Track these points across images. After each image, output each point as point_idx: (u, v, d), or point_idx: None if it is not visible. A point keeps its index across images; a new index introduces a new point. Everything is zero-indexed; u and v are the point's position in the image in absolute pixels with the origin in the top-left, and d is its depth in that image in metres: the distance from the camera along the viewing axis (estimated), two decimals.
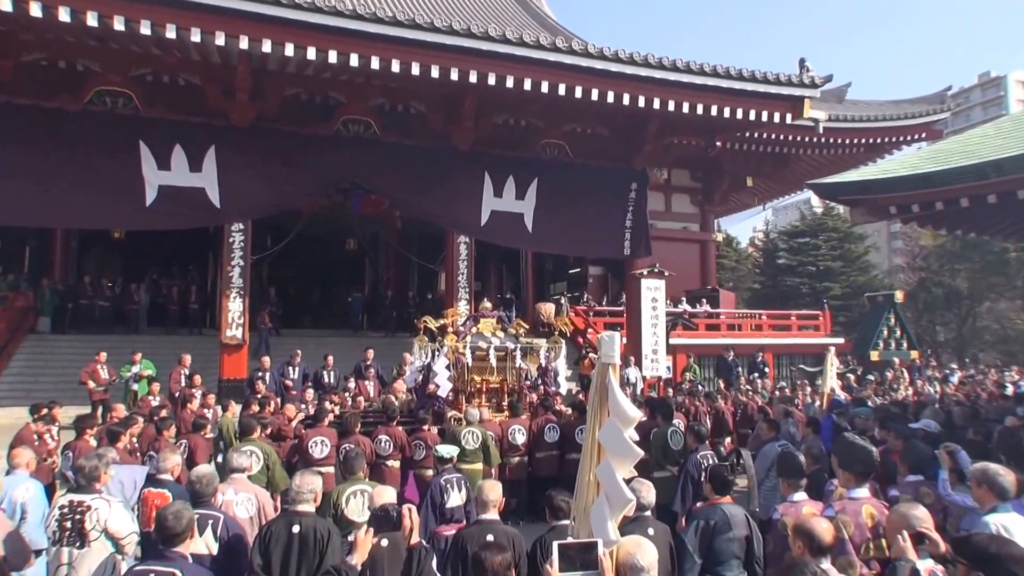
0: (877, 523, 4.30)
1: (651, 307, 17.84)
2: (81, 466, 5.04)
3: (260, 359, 14.25)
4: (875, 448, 4.77)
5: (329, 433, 8.75)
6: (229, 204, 14.23)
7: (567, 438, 9.66)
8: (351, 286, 24.88)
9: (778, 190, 27.40)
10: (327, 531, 4.64)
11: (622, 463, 3.37)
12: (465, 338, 10.29)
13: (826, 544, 3.72)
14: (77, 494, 4.95)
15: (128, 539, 4.91)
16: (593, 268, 24.29)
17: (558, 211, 16.93)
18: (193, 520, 3.96)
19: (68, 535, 4.79)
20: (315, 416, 9.13)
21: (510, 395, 10.51)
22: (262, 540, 4.57)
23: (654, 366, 17.63)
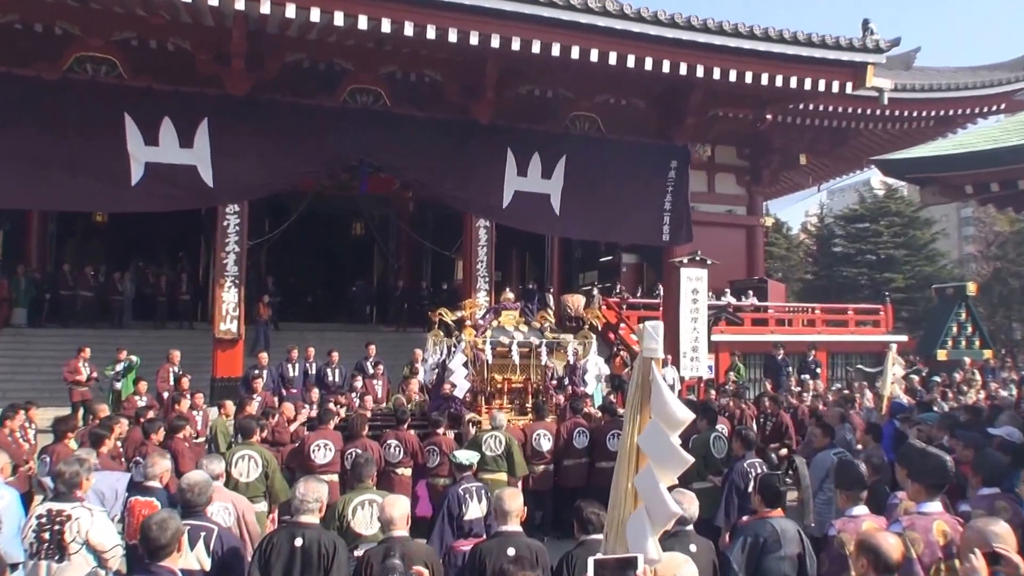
0: (950, 541, 4.23)
1: (691, 299, 17.80)
2: (60, 472, 5.06)
3: (257, 355, 14.35)
4: (949, 457, 4.66)
5: (333, 436, 8.78)
6: (223, 183, 14.28)
7: (598, 444, 9.65)
8: (358, 275, 25.01)
9: (835, 169, 27.11)
10: (332, 545, 4.64)
11: (667, 471, 3.37)
12: (485, 332, 10.34)
13: (894, 563, 3.67)
14: (56, 503, 4.96)
15: (111, 552, 4.93)
16: (627, 256, 24.28)
17: (589, 192, 16.89)
18: (181, 531, 3.95)
19: (46, 548, 4.80)
20: (319, 418, 9.15)
21: (535, 396, 10.56)
22: (262, 554, 4.58)
23: (694, 365, 17.63)
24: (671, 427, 3.37)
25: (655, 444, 3.39)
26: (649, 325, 3.56)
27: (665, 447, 3.35)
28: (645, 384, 3.50)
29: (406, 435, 9.01)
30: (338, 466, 8.57)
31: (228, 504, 5.59)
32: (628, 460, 3.51)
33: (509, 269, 25.56)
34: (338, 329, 21.01)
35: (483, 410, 10.24)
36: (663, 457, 3.36)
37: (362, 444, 8.58)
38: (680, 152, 18.02)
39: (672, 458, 3.34)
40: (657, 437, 3.38)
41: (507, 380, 10.46)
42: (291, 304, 22.64)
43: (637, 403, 3.54)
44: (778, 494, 5.15)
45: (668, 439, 3.36)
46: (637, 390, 3.54)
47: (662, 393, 3.41)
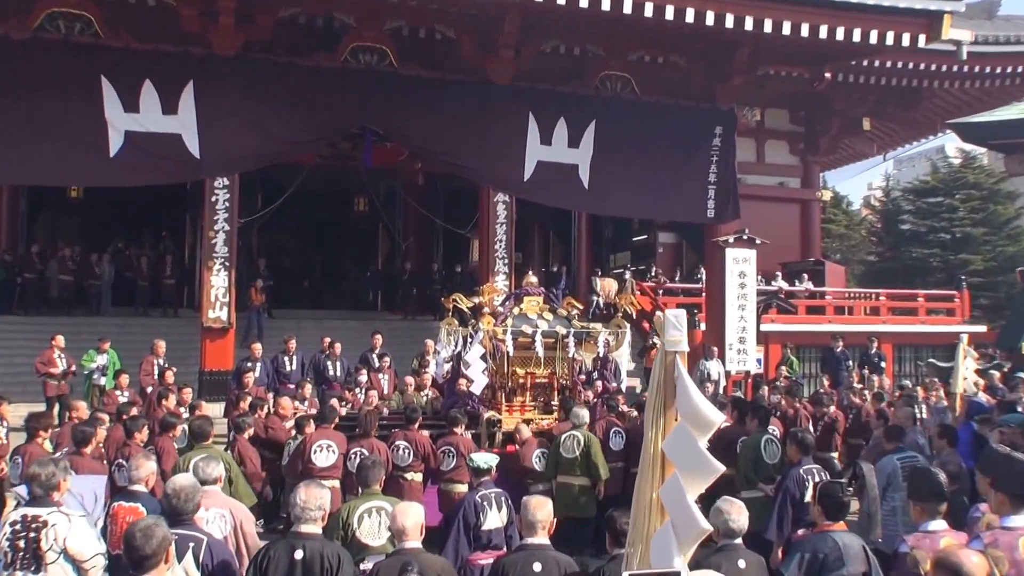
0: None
1: (738, 284, 17.82)
2: (35, 474, 5.10)
3: (249, 346, 14.47)
4: None
5: (337, 437, 8.82)
6: (211, 154, 14.33)
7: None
8: (361, 256, 25.11)
9: (903, 135, 26.80)
10: (336, 558, 4.66)
11: (695, 481, 3.37)
12: (505, 321, 10.32)
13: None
14: (32, 508, 5.01)
15: (92, 562, 4.97)
16: (664, 235, 24.24)
17: (622, 162, 16.85)
18: (167, 540, 3.95)
19: (22, 557, 4.84)
20: (321, 416, 9.20)
21: (561, 392, 10.55)
22: (257, 567, 4.62)
23: (741, 358, 17.71)
24: (699, 431, 3.37)
25: (682, 450, 3.38)
26: (671, 313, 3.57)
27: (693, 454, 3.34)
28: (668, 382, 3.50)
29: (416, 436, 9.03)
30: (340, 471, 8.60)
31: (224, 511, 5.62)
32: (652, 469, 3.51)
33: (531, 250, 25.60)
34: (339, 317, 21.15)
35: (503, 408, 10.27)
36: (691, 465, 3.34)
37: (369, 444, 8.63)
38: (726, 116, 17.91)
39: (701, 466, 3.33)
40: (684, 442, 3.38)
41: (530, 374, 10.45)
42: (286, 289, 22.87)
43: (660, 404, 3.53)
44: (840, 505, 5.12)
45: (696, 444, 3.35)
46: (659, 389, 3.54)
47: (688, 392, 3.41)
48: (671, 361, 3.51)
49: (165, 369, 13.00)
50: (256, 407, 10.36)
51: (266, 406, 10.68)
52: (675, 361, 3.49)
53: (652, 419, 3.57)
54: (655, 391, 3.58)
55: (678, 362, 3.49)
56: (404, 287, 22.45)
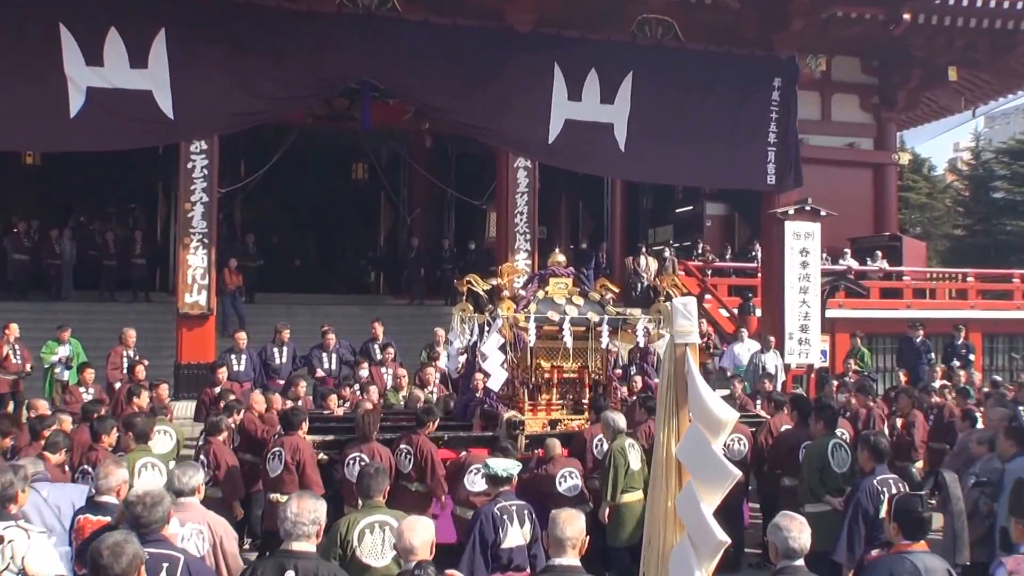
0: None
1: (799, 263, 17.74)
2: None
3: (233, 336, 14.54)
4: None
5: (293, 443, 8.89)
6: (186, 114, 14.30)
7: None
8: (359, 231, 25.17)
9: (997, 87, 26.34)
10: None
11: (710, 488, 3.43)
12: (527, 306, 10.28)
13: None
14: None
15: None
16: (712, 205, 24.20)
17: (663, 121, 16.76)
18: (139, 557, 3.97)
19: None
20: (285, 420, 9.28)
21: (593, 389, 10.51)
22: None
23: (803, 350, 17.66)
24: (713, 431, 3.42)
25: (695, 455, 3.44)
26: (680, 302, 3.65)
27: (706, 458, 3.39)
28: (679, 378, 3.57)
29: (421, 441, 9.09)
30: (292, 484, 8.58)
31: (202, 527, 5.64)
32: (666, 476, 3.57)
33: (557, 223, 25.56)
34: (335, 302, 21.23)
35: (525, 407, 10.25)
36: (704, 471, 3.38)
37: (370, 450, 8.69)
38: (786, 67, 17.80)
39: (715, 472, 3.37)
40: (697, 446, 3.43)
41: (557, 368, 10.42)
42: (275, 270, 22.94)
43: (672, 403, 3.58)
44: (920, 521, 5.13)
45: (709, 448, 3.40)
46: (670, 386, 3.61)
47: (698, 389, 3.46)
48: (681, 354, 3.60)
49: (136, 362, 13.07)
50: (232, 410, 10.40)
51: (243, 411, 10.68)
52: (685, 354, 3.59)
53: (664, 420, 3.68)
54: (665, 389, 3.65)
55: (689, 356, 3.57)
56: (410, 267, 22.47)
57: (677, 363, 3.55)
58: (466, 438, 9.82)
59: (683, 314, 3.56)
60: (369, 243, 26.03)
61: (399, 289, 22.82)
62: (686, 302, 3.57)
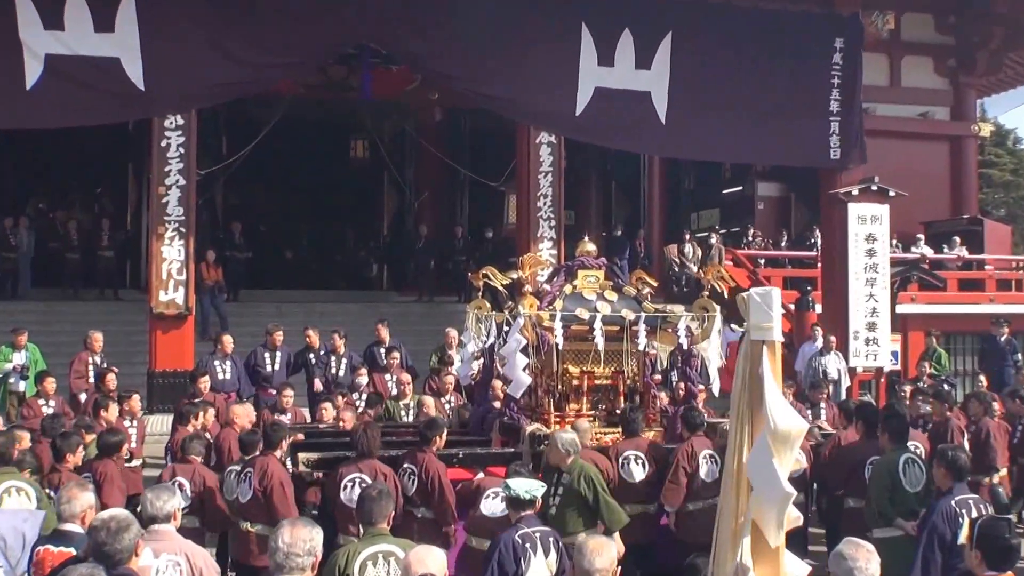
0: None
1: (865, 251, 17.66)
2: None
3: (219, 338, 14.47)
4: None
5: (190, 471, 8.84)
6: (159, 85, 14.31)
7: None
8: (361, 219, 25.22)
9: None
10: None
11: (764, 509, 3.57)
12: (553, 303, 10.14)
13: None
14: None
15: None
16: (764, 185, 24.11)
17: (709, 88, 16.77)
18: None
19: None
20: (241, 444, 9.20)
21: (628, 398, 10.42)
22: None
23: (870, 351, 17.57)
24: (777, 444, 3.54)
25: (759, 469, 3.56)
26: (758, 292, 3.70)
27: (765, 473, 3.51)
28: (755, 380, 3.63)
29: (428, 461, 8.94)
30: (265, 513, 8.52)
31: (179, 558, 5.60)
32: (736, 489, 3.74)
33: (586, 208, 25.57)
34: (333, 299, 21.34)
35: (551, 418, 10.05)
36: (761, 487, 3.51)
37: (370, 469, 8.59)
38: (848, 25, 17.75)
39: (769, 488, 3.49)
40: (760, 458, 3.55)
41: (587, 374, 10.25)
42: (263, 263, 22.97)
43: (745, 407, 3.69)
44: (1007, 548, 5.07)
45: (770, 461, 3.52)
46: (744, 389, 3.70)
47: (769, 393, 3.55)
48: (758, 353, 3.66)
49: (105, 370, 13.03)
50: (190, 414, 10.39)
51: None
52: (761, 354, 3.65)
53: (737, 426, 3.76)
54: (739, 392, 3.71)
55: (765, 356, 3.64)
56: (418, 259, 22.45)
57: (753, 363, 3.60)
58: (484, 455, 9.68)
59: (762, 307, 3.59)
60: (371, 232, 26.05)
61: (405, 284, 22.88)
62: (765, 293, 3.57)
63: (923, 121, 23.83)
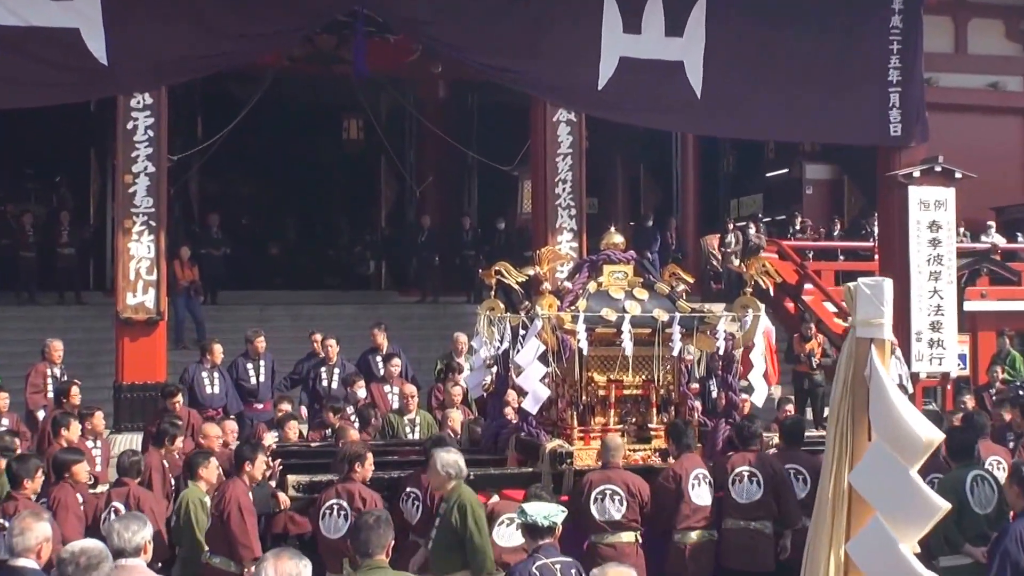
0: None
1: (928, 241, 17.61)
2: None
3: (208, 346, 14.47)
4: None
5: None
6: (125, 59, 14.28)
7: (780, 496, 9.68)
8: (356, 209, 25.36)
9: None
10: None
11: (906, 527, 3.56)
12: (576, 303, 10.12)
13: None
14: None
15: None
16: (813, 167, 24.18)
17: (750, 57, 16.77)
18: None
19: None
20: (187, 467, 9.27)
21: (663, 410, 10.41)
22: None
23: (934, 355, 17.56)
24: (908, 455, 3.56)
25: (882, 483, 3.57)
26: (866, 283, 3.79)
27: (898, 486, 3.53)
28: (859, 383, 3.68)
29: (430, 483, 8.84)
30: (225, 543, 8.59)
31: None
32: (834, 514, 3.73)
33: (611, 194, 25.62)
34: (324, 300, 21.35)
35: (575, 434, 10.10)
36: (898, 504, 3.53)
37: (349, 493, 8.66)
38: None
39: (914, 505, 3.53)
40: (885, 470, 3.56)
41: (615, 383, 10.29)
42: (245, 260, 23.05)
43: (846, 417, 3.72)
44: None
45: (905, 474, 3.53)
46: (846, 394, 3.73)
47: (888, 399, 3.58)
48: (864, 353, 3.72)
49: (66, 384, 12.96)
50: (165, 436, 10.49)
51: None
52: (869, 353, 3.69)
53: (835, 438, 3.81)
54: (840, 398, 3.75)
55: (874, 356, 3.67)
56: (421, 254, 22.46)
57: (857, 364, 3.66)
58: (498, 476, 9.72)
59: (869, 300, 3.63)
60: (367, 223, 26.06)
61: (406, 283, 22.94)
62: (875, 284, 3.65)
63: (993, 92, 23.68)
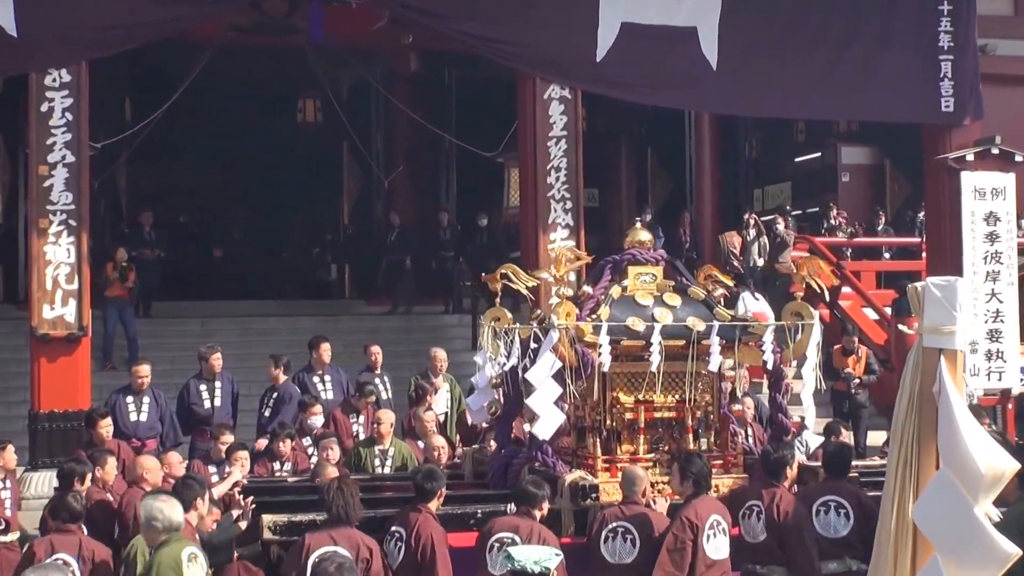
0: None
1: (984, 235, 17.62)
2: None
3: (133, 368, 14.25)
4: None
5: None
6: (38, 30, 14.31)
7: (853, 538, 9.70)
8: (314, 204, 25.38)
9: None
10: None
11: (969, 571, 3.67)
12: (597, 311, 10.13)
13: None
14: None
15: None
16: (850, 151, 24.25)
17: (774, 23, 16.91)
18: None
19: None
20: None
21: (697, 435, 10.42)
22: None
23: (994, 368, 17.58)
24: (973, 487, 3.65)
25: (944, 519, 3.66)
26: (936, 283, 3.91)
27: (963, 525, 3.63)
28: (926, 401, 3.80)
29: (423, 523, 8.99)
30: None
31: None
32: (895, 550, 3.83)
33: (614, 184, 25.72)
34: (277, 311, 21.40)
35: (599, 464, 10.13)
36: (959, 544, 3.63)
37: (350, 540, 8.51)
38: None
39: (977, 547, 3.62)
40: (948, 505, 3.66)
41: (644, 404, 10.31)
42: (184, 264, 23.18)
43: (911, 439, 3.84)
44: None
45: (969, 510, 3.64)
46: (911, 413, 3.84)
47: (954, 419, 3.68)
48: (933, 365, 3.84)
49: None
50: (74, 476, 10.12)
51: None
52: (938, 365, 3.80)
53: (898, 464, 3.89)
54: (903, 417, 3.85)
55: (943, 369, 3.78)
56: (390, 256, 22.41)
57: (925, 377, 3.78)
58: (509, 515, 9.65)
59: (938, 303, 3.72)
60: (327, 221, 26.15)
61: (374, 290, 22.85)
62: (947, 286, 3.74)
63: None
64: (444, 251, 21.89)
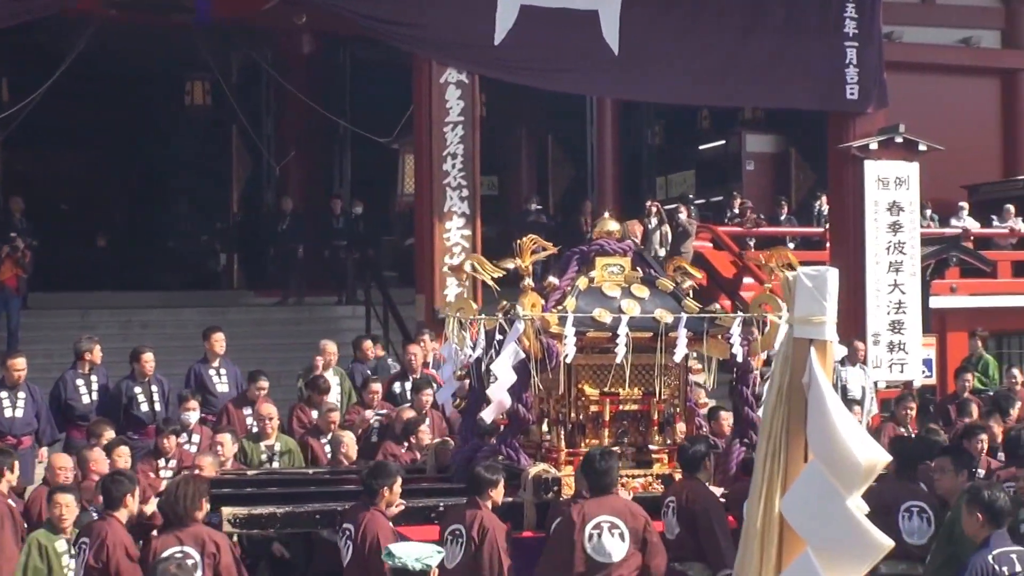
0: None
1: (888, 226, 17.92)
2: None
3: (5, 363, 14.10)
4: None
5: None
6: None
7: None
8: (201, 191, 25.19)
9: None
10: None
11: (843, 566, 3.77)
12: (563, 302, 10.33)
13: None
14: None
15: None
16: (755, 139, 24.62)
17: (678, 7, 17.06)
18: None
19: None
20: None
21: (662, 429, 10.67)
22: None
23: (895, 360, 17.89)
24: (846, 480, 3.74)
25: (815, 513, 3.75)
26: (807, 272, 3.94)
27: (835, 519, 3.71)
28: (795, 394, 3.88)
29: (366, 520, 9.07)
30: None
31: None
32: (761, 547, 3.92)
33: (514, 171, 25.84)
34: (162, 303, 21.31)
35: (562, 457, 10.33)
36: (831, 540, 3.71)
37: (196, 538, 8.55)
38: None
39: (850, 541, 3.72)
40: (818, 498, 3.74)
41: (609, 397, 10.46)
42: (63, 253, 22.76)
43: (779, 431, 3.91)
44: None
45: (841, 503, 3.70)
46: (780, 404, 3.93)
47: (826, 411, 3.74)
48: (803, 355, 3.89)
49: None
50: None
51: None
52: (808, 357, 3.86)
53: (765, 458, 3.99)
54: (772, 409, 3.94)
55: (813, 360, 3.83)
56: (281, 245, 22.35)
57: (795, 369, 3.82)
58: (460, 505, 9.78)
59: (811, 294, 3.77)
60: (215, 208, 25.86)
61: (264, 281, 22.87)
62: (818, 276, 3.77)
63: (965, 50, 24.22)
64: (337, 240, 21.90)
